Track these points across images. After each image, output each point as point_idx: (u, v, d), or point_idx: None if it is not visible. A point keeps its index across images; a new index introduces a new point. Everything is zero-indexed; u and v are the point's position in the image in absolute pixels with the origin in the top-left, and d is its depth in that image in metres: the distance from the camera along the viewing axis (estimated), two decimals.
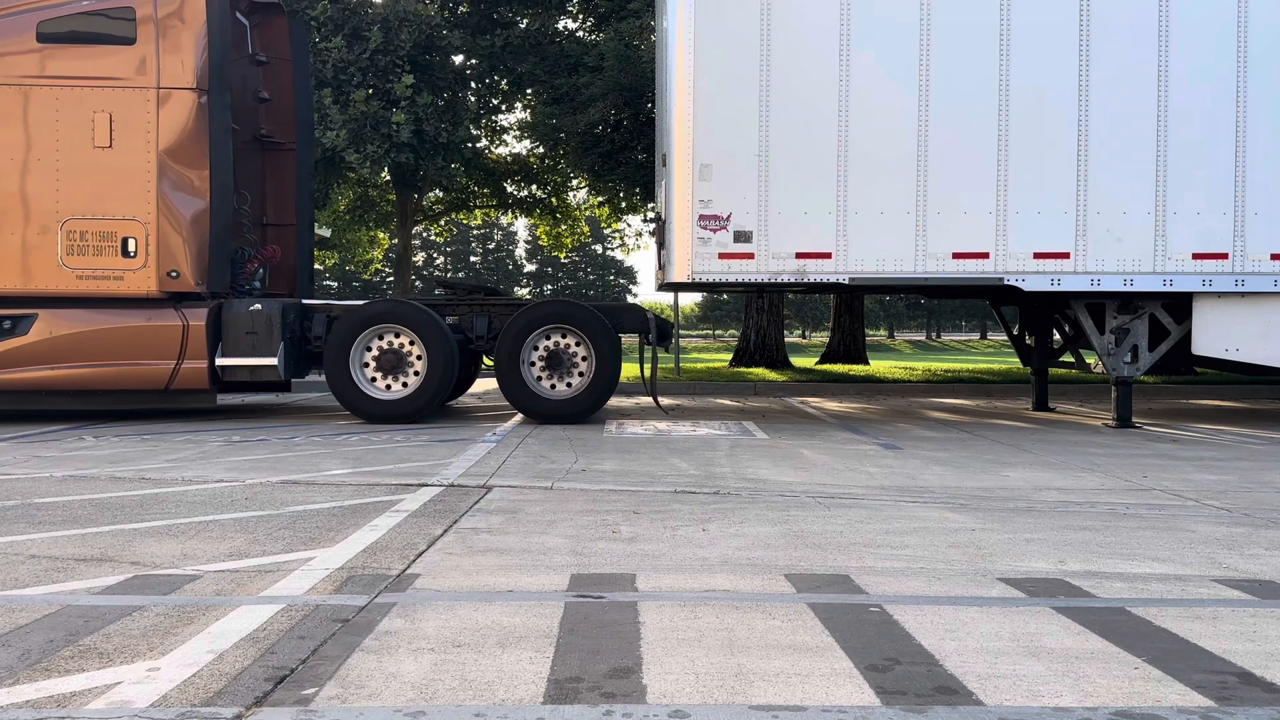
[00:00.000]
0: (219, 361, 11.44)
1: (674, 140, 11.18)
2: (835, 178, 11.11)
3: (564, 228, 28.16)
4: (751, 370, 20.83)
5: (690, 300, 78.99)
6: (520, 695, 3.18)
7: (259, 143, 13.47)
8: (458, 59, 23.19)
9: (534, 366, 11.60)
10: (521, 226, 79.68)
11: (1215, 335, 11.29)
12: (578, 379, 11.60)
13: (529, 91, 24.00)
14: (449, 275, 78.72)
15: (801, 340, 73.54)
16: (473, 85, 24.11)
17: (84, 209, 11.21)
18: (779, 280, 11.24)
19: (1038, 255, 11.12)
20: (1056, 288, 11.18)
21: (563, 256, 46.90)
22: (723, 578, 4.65)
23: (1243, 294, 11.16)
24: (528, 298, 16.04)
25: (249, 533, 5.55)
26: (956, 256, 11.13)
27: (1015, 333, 14.33)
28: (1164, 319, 11.55)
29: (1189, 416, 13.31)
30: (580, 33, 24.13)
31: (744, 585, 4.53)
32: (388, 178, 24.12)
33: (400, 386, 11.53)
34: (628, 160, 20.66)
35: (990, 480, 7.61)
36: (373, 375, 11.55)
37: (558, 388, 11.59)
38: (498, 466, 8.04)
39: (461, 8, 23.45)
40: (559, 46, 22.36)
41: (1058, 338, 13.88)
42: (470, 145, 22.74)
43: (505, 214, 31.32)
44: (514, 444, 9.54)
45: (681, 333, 13.18)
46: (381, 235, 29.10)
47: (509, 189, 27.13)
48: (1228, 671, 3.46)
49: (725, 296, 67.09)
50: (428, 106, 20.27)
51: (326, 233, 26.36)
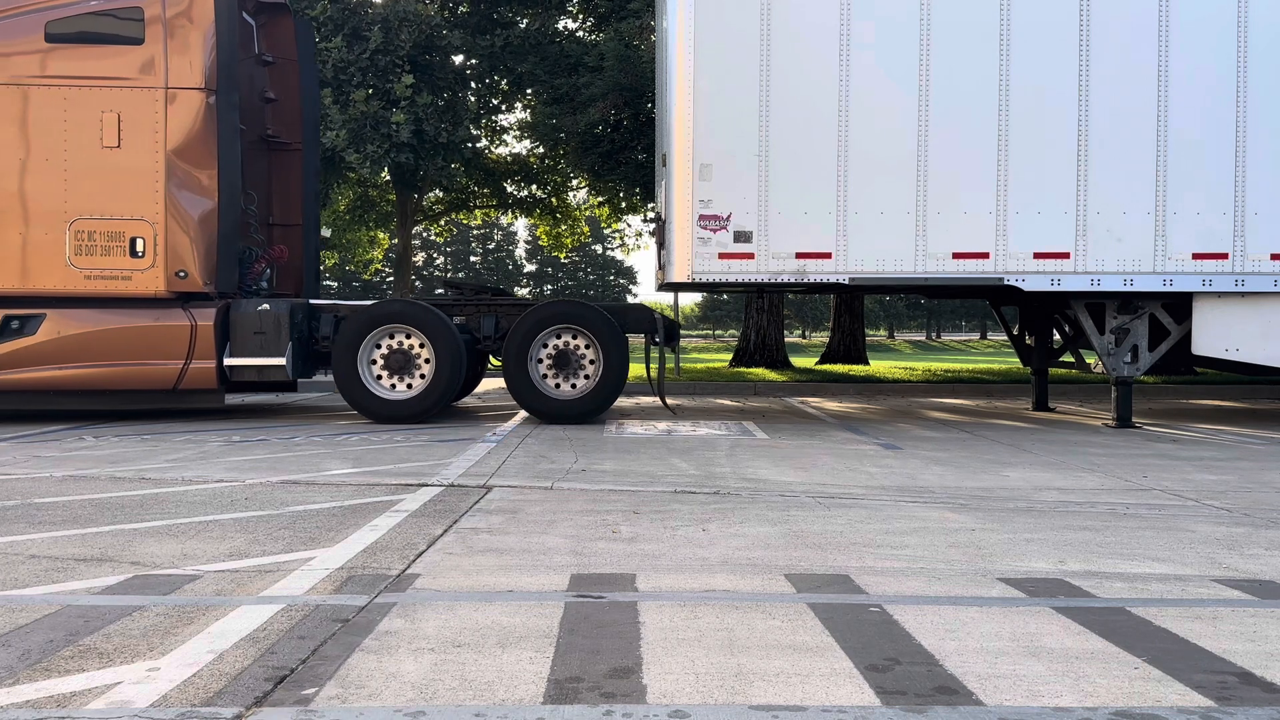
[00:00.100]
0: (227, 361, 11.45)
1: (674, 140, 11.18)
2: (835, 178, 11.12)
3: (564, 228, 28.17)
4: (751, 370, 20.83)
5: (690, 300, 79.04)
6: (520, 695, 3.18)
7: (265, 143, 13.47)
8: (458, 59, 23.20)
9: (542, 365, 11.60)
10: (521, 226, 79.76)
11: (1215, 335, 11.29)
12: (585, 379, 11.60)
13: (529, 91, 24.01)
14: (449, 275, 78.72)
15: (801, 340, 73.55)
16: (473, 85, 24.11)
17: (92, 209, 11.21)
18: (779, 280, 11.24)
19: (1038, 255, 11.12)
20: (1056, 288, 11.18)
21: (563, 256, 46.90)
22: (723, 578, 4.65)
23: (1243, 294, 11.16)
24: (535, 298, 16.05)
25: (249, 533, 5.55)
26: (956, 256, 11.13)
27: (1015, 333, 14.33)
28: (1164, 319, 11.55)
29: (1189, 416, 13.31)
30: (580, 33, 24.13)
31: (744, 585, 4.53)
32: (388, 178, 24.12)
33: (408, 387, 11.53)
34: (628, 160, 20.67)
35: (990, 480, 7.61)
36: (380, 374, 11.55)
37: (564, 388, 11.59)
38: (498, 466, 8.04)
39: (461, 8, 23.45)
40: (559, 46, 22.36)
41: (1058, 338, 13.88)
42: (470, 145, 22.74)
43: (505, 214, 31.32)
44: (514, 444, 9.54)
45: (681, 333, 13.15)
46: (381, 235, 29.10)
47: (509, 189, 27.13)
48: (1228, 671, 3.46)
49: (725, 296, 67.11)
50: (428, 106, 20.27)
51: (327, 233, 26.37)
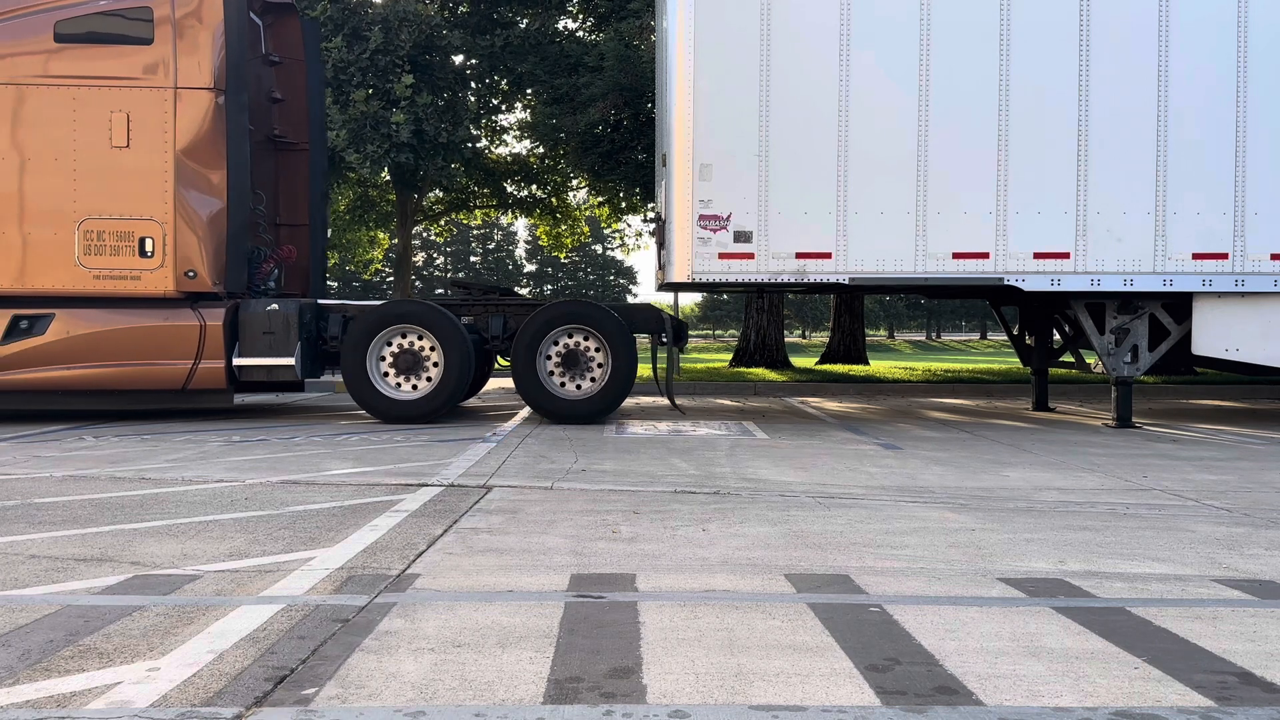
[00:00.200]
0: (236, 361, 11.46)
1: (674, 140, 11.18)
2: (835, 178, 11.11)
3: (564, 228, 28.17)
4: (751, 370, 20.83)
5: (690, 300, 79.02)
6: (520, 695, 3.18)
7: (272, 143, 13.47)
8: (458, 59, 23.19)
9: (550, 365, 11.59)
10: (521, 226, 79.76)
11: (1215, 335, 11.29)
12: (593, 379, 11.60)
13: (529, 91, 24.01)
14: (449, 275, 78.70)
15: (801, 340, 73.56)
16: (473, 85, 24.11)
17: (101, 209, 11.22)
18: (779, 280, 11.24)
19: (1038, 255, 11.12)
20: (1056, 288, 11.18)
21: (563, 256, 46.85)
22: (723, 578, 4.64)
23: (1243, 294, 11.16)
24: (543, 298, 16.06)
25: (249, 533, 5.55)
26: (956, 256, 11.13)
27: (1015, 333, 14.33)
28: (1164, 319, 11.55)
29: (1189, 416, 13.31)
30: (580, 33, 24.13)
31: (744, 585, 4.53)
32: (388, 178, 24.12)
33: (413, 388, 11.54)
34: (628, 160, 20.67)
35: (990, 480, 7.61)
36: (387, 373, 11.55)
37: (570, 387, 11.58)
38: (498, 466, 8.04)
39: (461, 8, 23.45)
40: (559, 46, 22.36)
41: (1058, 338, 13.88)
42: (470, 145, 22.74)
43: (505, 214, 31.33)
44: (514, 444, 9.54)
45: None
46: (381, 235, 29.10)
47: (509, 189, 27.13)
48: (1228, 671, 3.46)
49: (725, 296, 67.10)
50: (428, 106, 20.27)
51: (327, 233, 26.37)
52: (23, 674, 3.34)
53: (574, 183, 26.36)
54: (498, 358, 12.69)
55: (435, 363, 11.52)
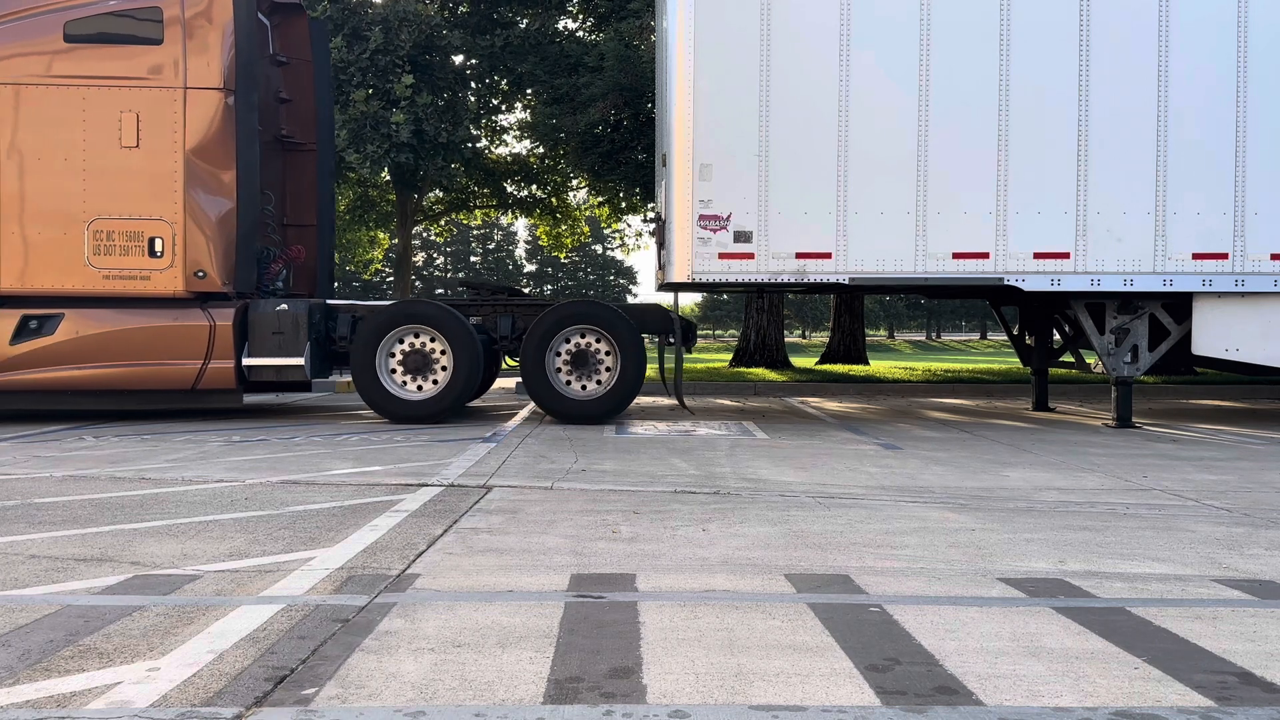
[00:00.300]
0: (246, 361, 11.46)
1: (674, 140, 11.18)
2: (835, 178, 11.11)
3: (564, 228, 28.17)
4: (751, 370, 20.83)
5: (690, 300, 79.01)
6: (520, 695, 3.18)
7: (280, 143, 13.45)
8: (458, 59, 23.20)
9: (559, 364, 11.59)
10: (521, 226, 79.75)
11: (1215, 335, 11.29)
12: (601, 380, 11.59)
13: (529, 91, 24.01)
14: (449, 275, 78.68)
15: (801, 340, 73.56)
16: (473, 85, 24.11)
17: (111, 209, 11.22)
18: (779, 280, 11.24)
19: (1038, 255, 11.12)
20: (1056, 288, 11.18)
21: (563, 256, 46.90)
22: (723, 578, 4.64)
23: (1243, 294, 11.16)
24: (552, 298, 16.04)
25: (249, 533, 5.55)
26: (956, 256, 11.13)
27: (1015, 333, 14.33)
28: (1164, 319, 11.55)
29: (1189, 416, 13.31)
30: (580, 33, 24.14)
31: (744, 585, 4.53)
32: (388, 178, 24.13)
33: (419, 388, 11.53)
34: (628, 160, 20.67)
35: (990, 480, 7.61)
36: (397, 374, 11.55)
37: (577, 387, 11.58)
38: (498, 466, 8.04)
39: (461, 8, 23.46)
40: (559, 46, 22.37)
41: (1058, 338, 13.88)
42: (470, 145, 22.74)
43: (505, 214, 31.33)
44: (514, 444, 9.54)
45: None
46: (381, 235, 29.11)
47: (509, 189, 27.14)
48: (1228, 671, 3.46)
49: (725, 296, 67.10)
50: (428, 106, 20.28)
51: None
52: (23, 674, 3.34)
53: (574, 183, 26.36)
54: (505, 358, 12.70)
55: (444, 364, 11.52)
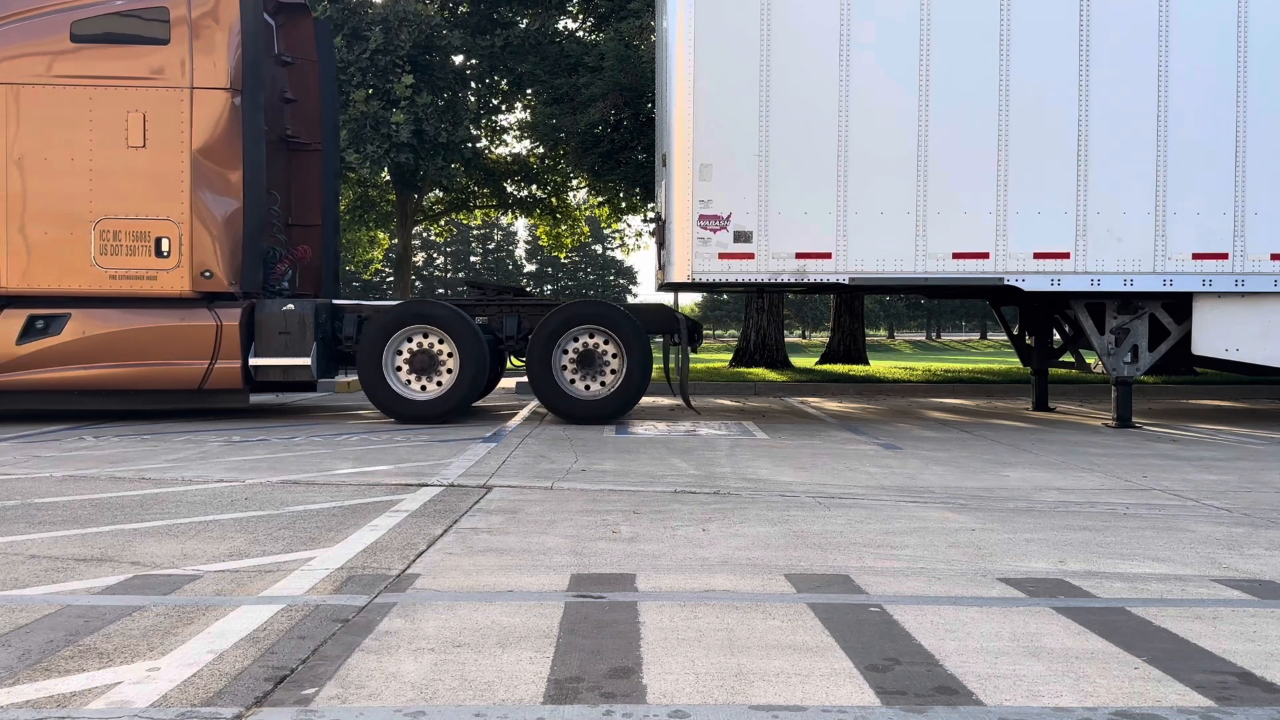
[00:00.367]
0: (252, 361, 11.45)
1: (674, 140, 11.18)
2: (835, 178, 11.11)
3: (564, 228, 28.18)
4: (751, 370, 20.83)
5: (690, 300, 78.97)
6: (520, 695, 3.18)
7: (284, 143, 13.44)
8: (458, 59, 23.21)
9: (565, 364, 11.58)
10: (521, 226, 79.76)
11: (1215, 335, 11.29)
12: (608, 379, 11.58)
13: (529, 91, 24.02)
14: (449, 275, 78.69)
15: (801, 340, 73.57)
16: (473, 85, 24.12)
17: (117, 209, 11.21)
18: (779, 280, 11.24)
19: (1038, 255, 11.12)
20: (1056, 288, 11.18)
21: (563, 256, 46.90)
22: (723, 578, 4.64)
23: (1243, 294, 11.16)
24: (558, 298, 16.03)
25: (249, 533, 5.55)
26: (956, 256, 11.13)
27: (1015, 333, 14.33)
28: (1164, 319, 11.55)
29: (1189, 416, 13.31)
30: (580, 33, 24.15)
31: (744, 585, 4.53)
32: (388, 178, 24.13)
33: (421, 388, 11.52)
34: (628, 160, 20.67)
35: (990, 480, 7.61)
36: (403, 373, 11.55)
37: (581, 386, 11.57)
38: (498, 466, 8.04)
39: (461, 8, 23.46)
40: (559, 46, 22.37)
41: (1058, 338, 13.88)
42: (470, 145, 22.75)
43: (505, 214, 31.34)
44: (514, 444, 9.54)
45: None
46: (381, 235, 29.11)
47: (509, 189, 27.14)
48: (1228, 671, 3.46)
49: (725, 296, 67.08)
50: (428, 106, 20.28)
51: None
52: (23, 674, 3.34)
53: (574, 183, 26.36)
54: (510, 358, 12.69)
55: (451, 364, 11.51)
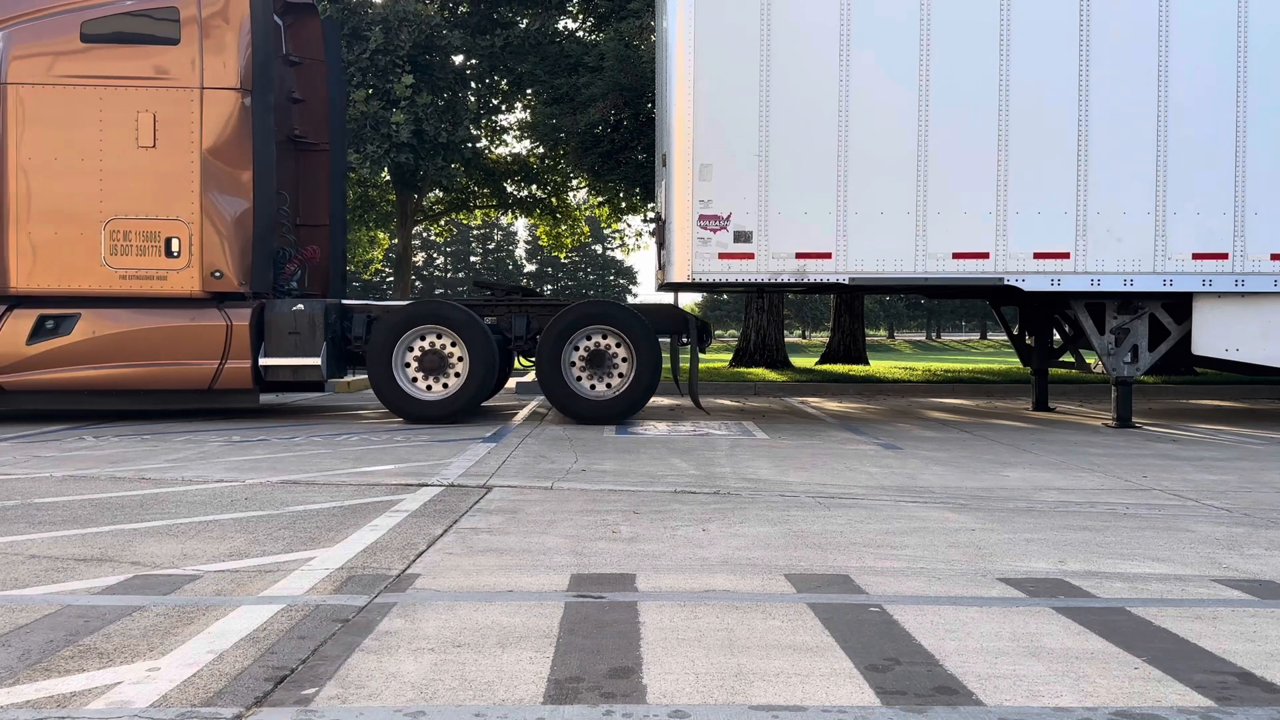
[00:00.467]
0: (262, 361, 11.45)
1: (674, 140, 11.18)
2: (835, 178, 11.11)
3: (564, 228, 28.18)
4: (751, 370, 20.83)
5: (690, 300, 78.94)
6: (520, 695, 3.18)
7: (293, 143, 13.44)
8: (458, 59, 23.21)
9: (575, 364, 11.58)
10: (521, 226, 79.74)
11: (1215, 335, 11.29)
12: (616, 380, 11.59)
13: (529, 91, 24.02)
14: (449, 275, 78.69)
15: (801, 340, 73.56)
16: (473, 85, 24.12)
17: (127, 209, 11.21)
18: (779, 280, 11.25)
19: (1038, 255, 11.12)
20: (1056, 288, 11.18)
21: (563, 256, 46.91)
22: (723, 578, 4.64)
23: (1243, 294, 11.16)
24: (567, 298, 16.02)
25: (249, 533, 5.55)
26: (956, 256, 11.13)
27: (1015, 333, 14.33)
28: (1164, 319, 11.55)
29: (1189, 416, 13.31)
30: (580, 33, 24.15)
31: (744, 585, 4.53)
32: (388, 178, 24.13)
33: (441, 387, 11.53)
34: (628, 160, 20.67)
35: (990, 480, 7.61)
36: (413, 374, 11.55)
37: (587, 386, 11.58)
38: (498, 466, 8.04)
39: (461, 8, 23.46)
40: (559, 46, 22.37)
41: (1058, 338, 13.88)
42: (470, 145, 22.75)
43: (505, 214, 31.34)
44: (514, 444, 9.54)
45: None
46: (381, 235, 29.11)
47: (509, 189, 27.15)
48: (1228, 671, 3.46)
49: (725, 296, 67.00)
50: (428, 106, 20.28)
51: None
52: (23, 674, 3.34)
53: (574, 183, 26.36)
54: (518, 358, 12.70)
55: (460, 365, 11.51)
